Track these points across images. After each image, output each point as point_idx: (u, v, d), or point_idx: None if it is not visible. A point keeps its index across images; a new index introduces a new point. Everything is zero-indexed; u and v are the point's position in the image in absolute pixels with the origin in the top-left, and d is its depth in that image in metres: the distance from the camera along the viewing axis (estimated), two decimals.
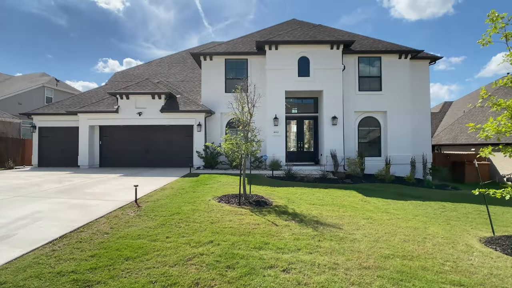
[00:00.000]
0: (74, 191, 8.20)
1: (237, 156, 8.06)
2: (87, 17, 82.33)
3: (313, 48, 14.83)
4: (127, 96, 14.78)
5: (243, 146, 7.83)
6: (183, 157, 15.30)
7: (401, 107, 15.35)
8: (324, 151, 14.77)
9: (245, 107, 8.31)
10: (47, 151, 15.76)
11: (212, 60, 15.59)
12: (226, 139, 8.13)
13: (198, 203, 7.19)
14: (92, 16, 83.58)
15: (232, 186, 9.81)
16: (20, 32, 70.74)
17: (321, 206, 7.67)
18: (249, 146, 7.88)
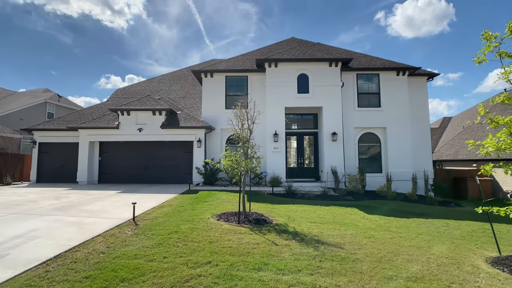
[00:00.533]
0: (71, 208, 8.09)
1: (236, 173, 7.99)
2: (92, 34, 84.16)
3: (312, 65, 15.01)
4: (128, 112, 14.84)
5: (243, 163, 7.78)
6: (183, 173, 15.19)
7: (401, 123, 15.37)
8: (324, 168, 14.69)
9: (245, 124, 8.32)
10: (46, 167, 15.68)
11: (212, 77, 15.76)
12: (225, 156, 8.09)
13: (197, 221, 7.06)
14: (97, 33, 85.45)
15: (231, 204, 9.68)
16: (25, 50, 72.11)
17: (322, 225, 7.54)
18: (249, 163, 7.83)
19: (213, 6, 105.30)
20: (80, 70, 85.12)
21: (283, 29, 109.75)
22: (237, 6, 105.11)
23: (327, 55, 15.17)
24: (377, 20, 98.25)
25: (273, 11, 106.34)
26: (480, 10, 74.91)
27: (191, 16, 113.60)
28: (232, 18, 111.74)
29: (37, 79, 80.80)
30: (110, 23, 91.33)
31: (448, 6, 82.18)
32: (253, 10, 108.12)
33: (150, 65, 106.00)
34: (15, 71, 72.31)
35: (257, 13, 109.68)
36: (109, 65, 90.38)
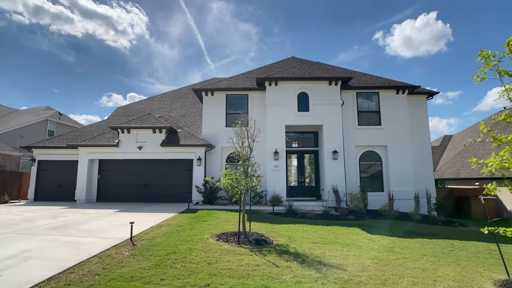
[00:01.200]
0: (67, 228, 7.92)
1: (236, 192, 7.88)
2: (95, 53, 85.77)
3: (312, 84, 15.16)
4: (128, 130, 14.85)
5: (243, 182, 7.69)
6: (182, 191, 15.03)
7: (402, 141, 15.34)
8: (325, 186, 14.53)
9: (245, 142, 8.29)
10: (45, 185, 15.53)
11: (213, 96, 15.89)
12: (225, 174, 8.01)
13: (196, 241, 6.89)
14: (99, 52, 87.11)
15: (231, 223, 9.50)
16: (28, 68, 73.30)
17: (324, 245, 7.35)
18: (249, 182, 7.73)
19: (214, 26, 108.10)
20: (82, 88, 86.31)
21: (283, 49, 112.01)
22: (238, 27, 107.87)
23: (327, 74, 15.36)
24: (376, 40, 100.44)
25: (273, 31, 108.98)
26: (477, 30, 76.74)
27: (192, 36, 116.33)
28: (232, 38, 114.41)
29: (40, 97, 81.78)
30: (114, 42, 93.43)
31: (445, 26, 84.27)
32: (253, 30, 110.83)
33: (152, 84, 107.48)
34: (18, 89, 73.31)
35: (257, 33, 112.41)
36: (111, 83, 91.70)
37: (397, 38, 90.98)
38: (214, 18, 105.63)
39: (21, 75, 73.24)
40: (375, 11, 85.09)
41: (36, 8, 68.64)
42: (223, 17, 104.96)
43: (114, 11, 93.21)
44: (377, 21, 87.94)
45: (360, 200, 13.64)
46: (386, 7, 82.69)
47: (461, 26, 78.98)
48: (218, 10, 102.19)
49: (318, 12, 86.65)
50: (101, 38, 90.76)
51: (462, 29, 79.82)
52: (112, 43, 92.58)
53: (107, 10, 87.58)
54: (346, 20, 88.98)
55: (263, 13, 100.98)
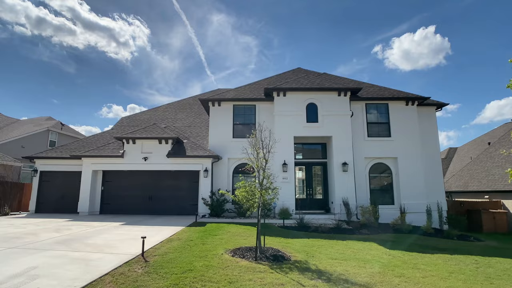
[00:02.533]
0: (74, 242, 7.53)
1: (251, 205, 7.55)
2: (95, 65, 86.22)
3: (320, 94, 15.00)
4: (134, 140, 14.57)
5: (258, 193, 7.38)
6: (188, 204, 14.64)
7: (412, 153, 15.08)
8: (335, 199, 14.17)
9: (260, 153, 8.00)
10: (46, 196, 15.12)
11: (220, 106, 15.68)
12: (239, 186, 7.70)
13: (211, 257, 6.52)
14: (100, 64, 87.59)
15: (243, 237, 9.12)
16: (29, 79, 73.46)
17: (345, 261, 6.98)
18: (265, 194, 7.42)
19: (214, 38, 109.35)
20: (82, 99, 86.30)
21: (283, 61, 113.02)
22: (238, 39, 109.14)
23: (336, 85, 15.22)
24: (375, 53, 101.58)
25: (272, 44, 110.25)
26: (475, 44, 77.69)
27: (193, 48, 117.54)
28: (233, 50, 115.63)
29: (39, 107, 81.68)
30: (115, 54, 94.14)
31: (444, 40, 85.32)
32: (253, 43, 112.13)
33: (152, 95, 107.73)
34: (17, 99, 73.25)
35: (257, 45, 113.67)
36: (111, 94, 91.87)
37: (396, 52, 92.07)
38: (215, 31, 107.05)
39: (21, 86, 73.42)
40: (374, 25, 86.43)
41: (38, 19, 69.39)
42: (224, 30, 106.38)
43: (116, 23, 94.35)
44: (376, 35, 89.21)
45: (372, 214, 13.28)
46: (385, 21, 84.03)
47: (459, 39, 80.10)
48: (218, 23, 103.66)
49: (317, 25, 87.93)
50: (102, 50, 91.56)
51: (461, 43, 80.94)
52: (114, 55, 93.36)
53: (109, 22, 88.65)
54: (346, 33, 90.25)
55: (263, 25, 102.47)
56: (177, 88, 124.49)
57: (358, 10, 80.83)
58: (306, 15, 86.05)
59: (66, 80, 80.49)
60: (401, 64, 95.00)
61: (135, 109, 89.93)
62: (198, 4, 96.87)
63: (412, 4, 76.37)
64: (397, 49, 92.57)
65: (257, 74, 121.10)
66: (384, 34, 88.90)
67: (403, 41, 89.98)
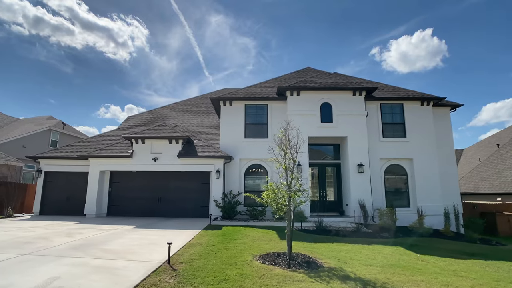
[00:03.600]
0: (90, 248, 7.05)
1: (280, 208, 7.12)
2: (93, 65, 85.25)
3: (335, 94, 14.61)
4: (143, 140, 14.08)
5: (287, 195, 6.98)
6: (198, 206, 14.18)
7: (428, 154, 14.73)
8: (351, 201, 13.77)
9: (287, 153, 7.59)
10: (51, 198, 14.59)
11: (231, 105, 15.24)
12: (268, 188, 7.29)
13: (240, 264, 6.08)
14: (98, 64, 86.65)
15: (265, 242, 8.69)
16: (25, 78, 72.50)
17: (381, 268, 6.56)
18: (294, 196, 7.02)
19: (212, 39, 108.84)
20: (79, 100, 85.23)
21: (281, 63, 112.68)
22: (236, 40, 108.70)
23: (350, 84, 14.84)
24: (372, 56, 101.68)
25: (271, 45, 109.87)
26: (471, 47, 77.83)
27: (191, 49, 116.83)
28: (231, 51, 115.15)
29: (36, 107, 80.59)
30: (113, 55, 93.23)
31: (441, 42, 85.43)
32: (251, 44, 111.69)
33: (149, 96, 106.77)
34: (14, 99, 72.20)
35: (255, 47, 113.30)
36: (109, 95, 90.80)
37: (394, 54, 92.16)
38: (213, 32, 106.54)
39: (18, 86, 72.43)
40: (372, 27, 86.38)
41: (36, 19, 68.50)
42: (222, 31, 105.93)
43: (115, 23, 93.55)
44: (374, 37, 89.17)
45: (389, 216, 12.89)
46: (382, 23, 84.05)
47: (456, 42, 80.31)
48: (217, 24, 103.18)
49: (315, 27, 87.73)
50: (101, 50, 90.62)
51: (458, 45, 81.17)
52: (112, 56, 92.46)
53: (108, 22, 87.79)
54: (344, 35, 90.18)
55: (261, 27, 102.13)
56: (175, 89, 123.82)
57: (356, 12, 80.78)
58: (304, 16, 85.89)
59: (63, 80, 79.58)
60: (399, 66, 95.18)
61: (133, 110, 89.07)
62: (196, 5, 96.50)
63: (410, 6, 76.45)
64: (395, 51, 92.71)
65: (255, 75, 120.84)
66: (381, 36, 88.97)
67: (401, 43, 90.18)
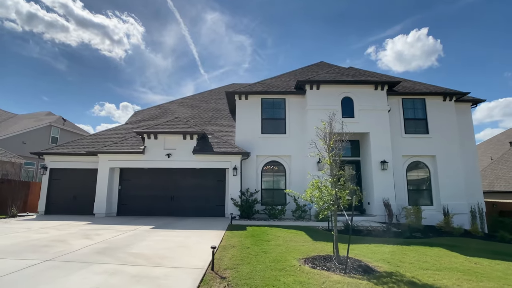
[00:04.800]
0: (116, 252, 6.33)
1: (327, 207, 6.51)
2: (88, 62, 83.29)
3: (356, 88, 14.02)
4: (155, 135, 13.33)
5: (333, 193, 6.38)
6: (214, 205, 13.50)
7: (451, 151, 14.23)
8: (374, 200, 13.20)
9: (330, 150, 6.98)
10: (57, 196, 13.77)
11: (247, 99, 14.55)
12: (313, 185, 6.69)
13: (291, 270, 5.45)
14: (93, 61, 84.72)
15: (299, 243, 8.07)
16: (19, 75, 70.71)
17: (440, 272, 5.98)
18: (342, 194, 6.43)
19: (208, 37, 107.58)
20: (73, 97, 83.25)
21: (276, 61, 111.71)
22: (232, 38, 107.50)
23: (372, 78, 14.26)
24: (368, 55, 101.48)
25: (267, 43, 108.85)
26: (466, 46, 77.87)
27: (186, 46, 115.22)
28: (226, 49, 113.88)
29: (29, 104, 78.59)
30: (109, 52, 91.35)
31: (436, 42, 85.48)
32: (247, 42, 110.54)
33: (144, 93, 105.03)
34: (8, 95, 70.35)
35: (251, 45, 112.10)
36: (103, 92, 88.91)
37: (389, 53, 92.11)
38: (209, 29, 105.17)
39: (10, 82, 70.61)
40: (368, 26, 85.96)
41: (30, 15, 66.55)
42: (218, 28, 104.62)
43: (111, 21, 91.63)
44: (369, 36, 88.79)
45: (416, 215, 12.35)
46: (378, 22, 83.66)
47: (451, 42, 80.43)
48: (212, 21, 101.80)
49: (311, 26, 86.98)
50: (96, 48, 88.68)
51: (452, 45, 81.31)
52: (107, 53, 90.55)
53: (103, 19, 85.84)
54: (340, 34, 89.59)
55: (257, 25, 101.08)
56: (170, 87, 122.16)
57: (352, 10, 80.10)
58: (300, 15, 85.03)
59: (57, 78, 77.65)
60: (394, 66, 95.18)
61: (128, 108, 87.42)
62: (192, 2, 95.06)
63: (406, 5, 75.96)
64: (390, 50, 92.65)
65: (251, 73, 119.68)
66: (377, 35, 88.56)
67: (397, 42, 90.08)
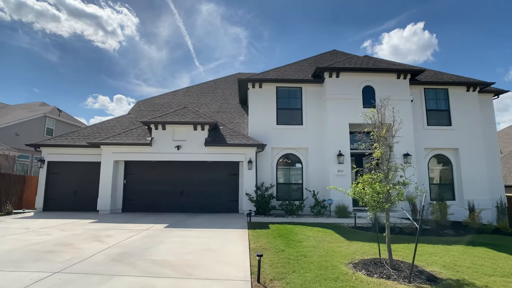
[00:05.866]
0: (135, 259, 5.44)
1: (380, 206, 5.70)
2: (80, 54, 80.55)
3: (378, 77, 13.19)
4: (164, 126, 12.36)
5: (385, 189, 5.59)
6: (227, 200, 12.64)
7: (474, 144, 13.55)
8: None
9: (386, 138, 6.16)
10: (56, 192, 12.77)
11: (261, 88, 13.61)
12: (361, 181, 5.90)
13: (346, 279, 4.68)
14: (85, 53, 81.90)
15: (335, 244, 7.30)
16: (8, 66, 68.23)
17: (509, 279, 5.23)
18: (402, 191, 5.63)
19: (203, 29, 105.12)
20: (66, 89, 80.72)
21: (273, 54, 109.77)
22: (227, 30, 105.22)
23: (394, 66, 13.42)
24: (364, 48, 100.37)
25: (262, 36, 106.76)
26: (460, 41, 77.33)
27: (181, 38, 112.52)
28: (222, 41, 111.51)
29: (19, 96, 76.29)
30: (102, 44, 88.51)
31: (432, 36, 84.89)
32: (243, 34, 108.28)
33: (138, 86, 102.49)
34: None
35: (247, 37, 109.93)
36: (96, 84, 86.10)
37: (386, 47, 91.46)
38: (204, 20, 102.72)
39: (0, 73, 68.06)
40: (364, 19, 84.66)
41: (18, 4, 63.80)
42: (213, 20, 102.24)
43: (104, 11, 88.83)
44: (366, 29, 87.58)
45: (441, 211, 11.67)
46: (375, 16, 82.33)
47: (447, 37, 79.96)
48: (207, 13, 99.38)
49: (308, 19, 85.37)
50: (89, 39, 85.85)
51: (448, 40, 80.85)
52: (101, 44, 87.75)
53: (96, 10, 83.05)
54: (336, 28, 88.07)
55: (253, 17, 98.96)
56: (164, 79, 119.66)
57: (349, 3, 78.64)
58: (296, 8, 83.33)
59: (48, 69, 75.00)
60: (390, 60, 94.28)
61: (122, 100, 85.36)
62: None
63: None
64: (386, 44, 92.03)
65: (247, 66, 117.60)
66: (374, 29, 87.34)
67: (393, 36, 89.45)
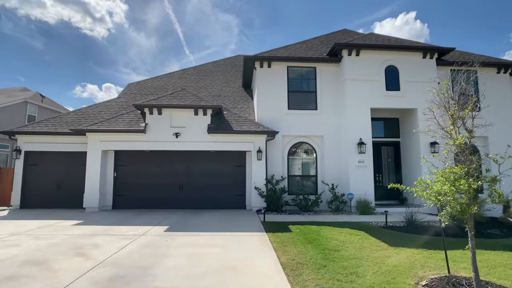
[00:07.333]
0: (134, 287, 3.92)
1: (463, 210, 4.29)
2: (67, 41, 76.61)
3: (402, 55, 11.72)
4: (160, 110, 10.71)
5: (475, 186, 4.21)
6: (232, 194, 11.18)
7: (505, 131, 12.30)
8: None
9: (457, 122, 4.72)
10: (35, 186, 11.09)
11: (270, 68, 12.01)
12: (440, 177, 4.45)
13: None
14: (72, 40, 77.91)
15: (376, 252, 5.91)
16: None
17: None
18: (500, 192, 4.20)
19: (193, 16, 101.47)
20: (52, 77, 76.88)
21: (264, 43, 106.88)
22: (218, 17, 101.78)
23: (420, 44, 11.96)
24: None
25: (254, 24, 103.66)
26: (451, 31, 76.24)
27: (170, 25, 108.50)
28: (213, 28, 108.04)
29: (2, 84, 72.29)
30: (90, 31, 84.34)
31: (423, 26, 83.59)
32: (234, 22, 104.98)
33: (127, 74, 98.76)
34: None
35: (238, 25, 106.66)
36: (84, 73, 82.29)
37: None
38: (194, 7, 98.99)
39: None
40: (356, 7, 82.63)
41: None
42: (203, 7, 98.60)
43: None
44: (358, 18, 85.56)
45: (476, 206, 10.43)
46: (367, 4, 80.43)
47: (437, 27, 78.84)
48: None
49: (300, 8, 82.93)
50: (77, 26, 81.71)
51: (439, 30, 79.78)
52: (89, 32, 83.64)
53: None
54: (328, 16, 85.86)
55: (244, 4, 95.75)
56: (154, 67, 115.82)
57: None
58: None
59: (34, 56, 71.20)
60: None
61: (111, 89, 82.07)
62: None
63: None
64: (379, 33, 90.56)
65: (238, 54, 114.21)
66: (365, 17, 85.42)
67: (385, 25, 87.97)
